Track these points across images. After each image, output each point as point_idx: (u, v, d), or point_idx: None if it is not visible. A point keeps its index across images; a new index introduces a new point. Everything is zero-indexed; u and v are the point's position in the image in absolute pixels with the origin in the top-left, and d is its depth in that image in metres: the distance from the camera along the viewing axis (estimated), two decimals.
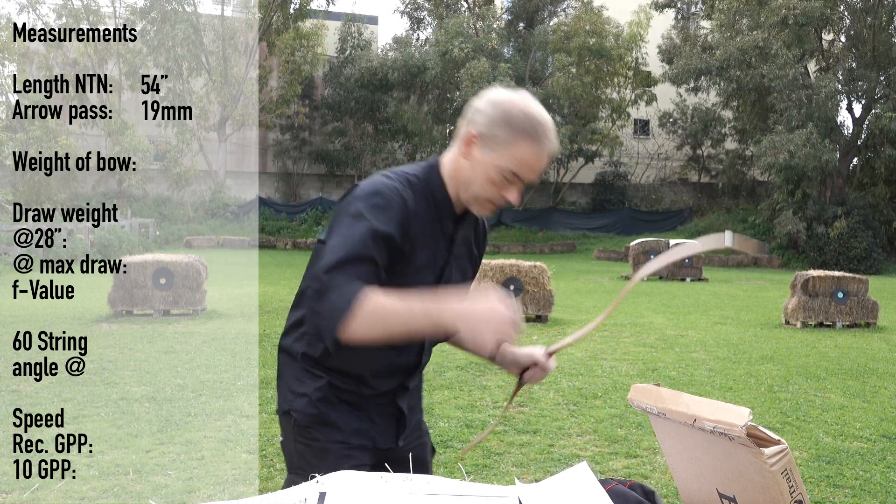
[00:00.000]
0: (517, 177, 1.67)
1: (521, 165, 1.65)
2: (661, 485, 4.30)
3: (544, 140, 1.64)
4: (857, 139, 29.93)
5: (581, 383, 7.00)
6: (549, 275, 11.35)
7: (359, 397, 1.83)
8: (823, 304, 11.47)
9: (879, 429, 5.71)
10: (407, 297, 1.51)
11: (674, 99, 35.38)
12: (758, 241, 3.78)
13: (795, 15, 26.27)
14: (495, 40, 33.04)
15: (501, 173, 1.66)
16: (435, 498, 1.05)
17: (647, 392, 1.26)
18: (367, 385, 1.83)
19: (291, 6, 33.60)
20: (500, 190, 1.69)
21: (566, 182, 35.86)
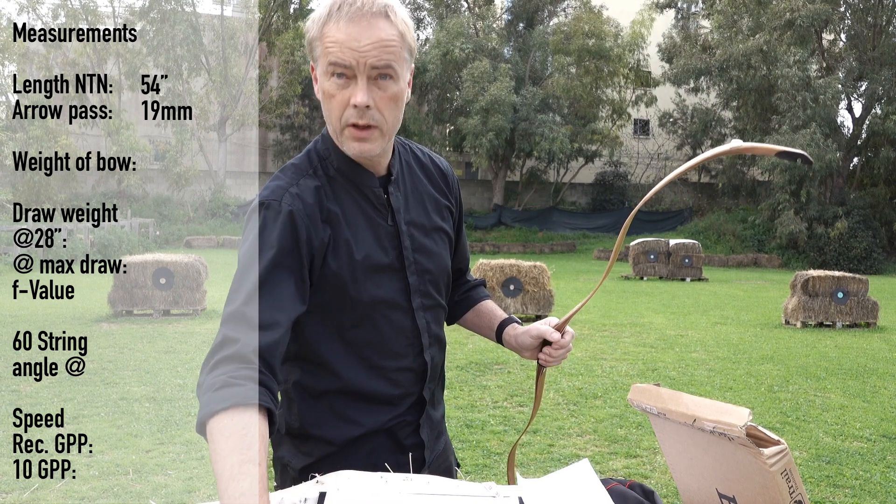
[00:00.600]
0: (342, 66, 1.30)
1: (335, 50, 1.29)
2: (661, 485, 4.30)
3: (343, 10, 1.30)
4: (857, 139, 29.94)
5: (581, 383, 7.00)
6: (549, 275, 11.36)
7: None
8: (823, 304, 11.48)
9: (879, 429, 5.71)
10: (235, 457, 1.06)
11: (674, 99, 35.39)
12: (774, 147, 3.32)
13: (801, 17, 26.29)
14: (495, 40, 33.05)
15: (328, 77, 1.32)
16: (435, 498, 1.05)
17: (647, 392, 1.26)
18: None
19: (291, 6, 33.61)
20: (342, 100, 1.33)
21: (566, 182, 35.88)
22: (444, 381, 1.63)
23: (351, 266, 1.39)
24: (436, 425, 1.59)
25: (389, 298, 1.44)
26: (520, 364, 7.85)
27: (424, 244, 1.49)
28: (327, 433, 1.45)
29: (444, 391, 1.63)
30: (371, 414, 1.45)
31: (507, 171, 34.65)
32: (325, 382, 1.45)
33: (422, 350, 1.49)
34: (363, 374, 1.44)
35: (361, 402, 1.45)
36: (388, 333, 1.45)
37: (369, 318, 1.42)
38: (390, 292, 1.44)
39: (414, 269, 1.47)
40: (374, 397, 1.45)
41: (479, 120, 30.02)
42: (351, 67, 1.30)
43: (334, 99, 1.33)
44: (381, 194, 1.44)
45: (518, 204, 34.79)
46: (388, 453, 1.46)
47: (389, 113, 1.35)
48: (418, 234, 1.48)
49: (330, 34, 1.31)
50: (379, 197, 1.44)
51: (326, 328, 1.42)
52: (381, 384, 1.45)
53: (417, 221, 1.49)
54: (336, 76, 1.31)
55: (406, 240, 1.46)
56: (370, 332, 1.43)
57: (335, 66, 1.31)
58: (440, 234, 1.53)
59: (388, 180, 1.46)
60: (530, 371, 7.50)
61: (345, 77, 1.31)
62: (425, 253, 1.49)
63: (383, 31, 1.30)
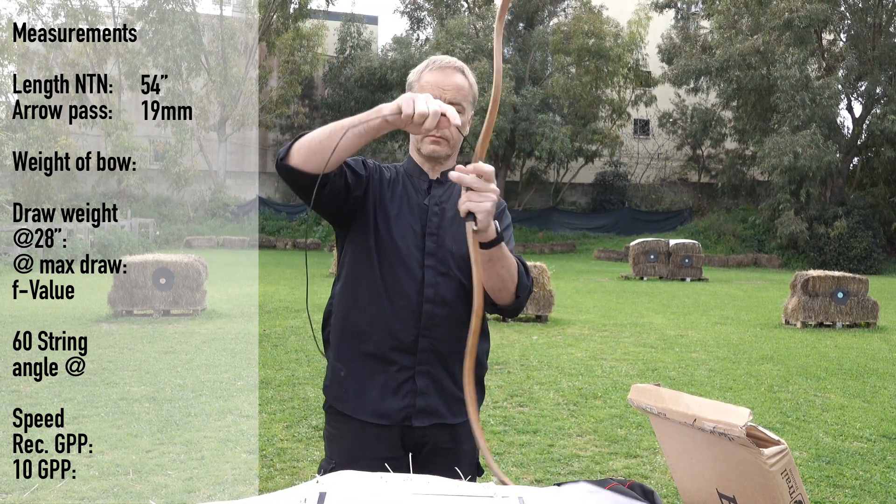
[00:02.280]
0: None
1: (428, 88, 1.90)
2: (661, 485, 4.30)
3: (436, 63, 1.94)
4: (857, 139, 29.94)
5: (581, 383, 7.00)
6: (549, 275, 11.35)
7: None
8: (823, 304, 11.48)
9: (879, 429, 5.71)
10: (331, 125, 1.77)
11: (673, 99, 35.39)
12: None
13: (800, 17, 26.29)
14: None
15: None
16: (435, 498, 1.05)
17: (647, 392, 1.26)
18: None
19: (291, 6, 33.59)
20: None
21: (566, 182, 35.87)
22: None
23: (384, 211, 1.94)
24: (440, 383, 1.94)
25: (404, 247, 1.92)
26: (520, 364, 7.85)
27: (445, 240, 1.93)
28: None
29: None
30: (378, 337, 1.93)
31: (507, 171, 34.64)
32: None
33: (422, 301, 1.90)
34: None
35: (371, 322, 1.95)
36: (401, 275, 1.92)
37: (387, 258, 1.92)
38: (407, 245, 1.92)
39: (434, 239, 1.93)
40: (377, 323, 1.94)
41: (478, 120, 29.99)
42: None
43: None
44: (424, 187, 1.98)
45: (518, 204, 34.80)
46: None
47: (455, 133, 1.90)
48: (447, 217, 1.95)
49: (425, 78, 1.94)
50: (420, 187, 1.98)
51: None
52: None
53: (449, 212, 1.95)
54: None
55: (434, 216, 1.94)
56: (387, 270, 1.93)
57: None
58: (462, 242, 1.90)
59: (438, 183, 1.99)
60: (530, 371, 7.50)
61: None
62: (446, 246, 1.93)
63: (459, 80, 1.94)
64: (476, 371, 1.79)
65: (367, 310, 1.92)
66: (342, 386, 1.96)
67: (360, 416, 1.92)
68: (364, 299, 1.93)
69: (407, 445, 1.91)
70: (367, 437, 1.91)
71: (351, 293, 1.95)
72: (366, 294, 1.93)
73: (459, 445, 1.96)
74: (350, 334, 1.95)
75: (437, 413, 1.93)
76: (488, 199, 1.60)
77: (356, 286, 1.94)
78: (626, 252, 24.58)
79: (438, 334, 1.91)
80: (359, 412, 1.92)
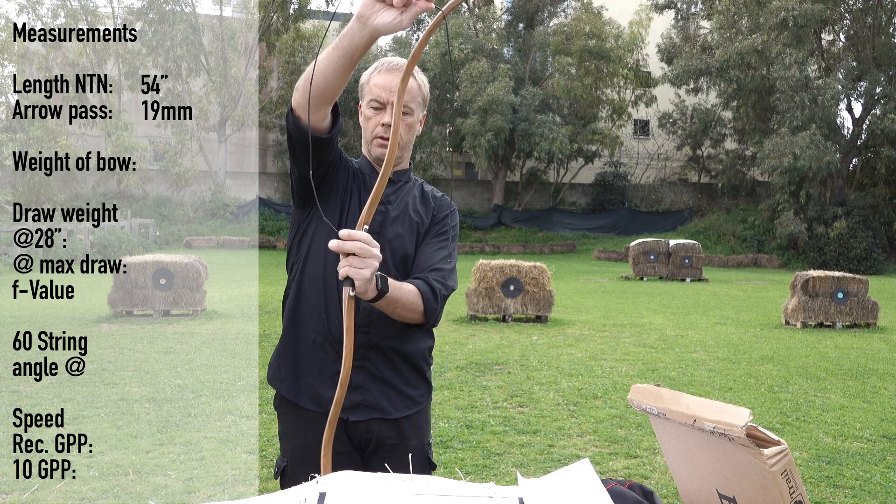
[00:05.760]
0: (378, 101, 1.98)
1: (376, 90, 1.98)
2: (661, 485, 4.30)
3: (388, 66, 1.99)
4: (856, 139, 29.94)
5: (581, 383, 7.00)
6: (549, 275, 11.35)
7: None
8: (823, 305, 11.47)
9: (879, 429, 5.71)
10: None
11: (673, 100, 35.39)
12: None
13: (794, 17, 26.28)
14: (495, 41, 33.03)
15: (369, 107, 2.00)
16: (434, 498, 1.05)
17: (647, 392, 1.26)
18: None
19: (291, 7, 33.59)
20: (376, 121, 1.99)
21: (566, 182, 35.86)
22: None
23: (342, 209, 2.00)
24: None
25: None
26: (520, 364, 7.85)
27: (389, 224, 2.01)
28: None
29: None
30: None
31: (507, 171, 34.63)
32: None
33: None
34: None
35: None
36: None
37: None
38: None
39: (376, 237, 1.85)
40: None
41: (477, 120, 30.01)
42: (383, 102, 1.98)
43: (370, 121, 2.01)
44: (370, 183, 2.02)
45: (518, 204, 34.78)
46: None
47: (404, 134, 2.02)
48: (390, 217, 2.02)
49: (374, 80, 2.00)
50: (370, 185, 1.99)
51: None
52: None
53: (392, 211, 2.03)
54: (373, 108, 2.00)
55: (378, 215, 2.00)
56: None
57: (374, 101, 1.99)
58: (404, 237, 2.02)
59: (388, 182, 1.99)
60: (530, 371, 7.50)
61: (379, 108, 1.99)
62: (389, 229, 2.00)
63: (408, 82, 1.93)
64: (419, 365, 2.04)
65: (308, 299, 1.99)
66: (281, 366, 2.04)
67: (298, 401, 1.98)
68: (306, 289, 2.00)
69: (353, 440, 1.97)
70: (315, 431, 1.91)
71: (298, 278, 2.03)
72: (308, 285, 2.00)
73: (405, 441, 2.01)
74: (295, 318, 2.02)
75: (377, 407, 1.97)
76: (369, 266, 1.59)
77: (302, 273, 2.01)
78: (626, 252, 24.58)
79: (376, 330, 1.95)
80: (294, 395, 1.99)
